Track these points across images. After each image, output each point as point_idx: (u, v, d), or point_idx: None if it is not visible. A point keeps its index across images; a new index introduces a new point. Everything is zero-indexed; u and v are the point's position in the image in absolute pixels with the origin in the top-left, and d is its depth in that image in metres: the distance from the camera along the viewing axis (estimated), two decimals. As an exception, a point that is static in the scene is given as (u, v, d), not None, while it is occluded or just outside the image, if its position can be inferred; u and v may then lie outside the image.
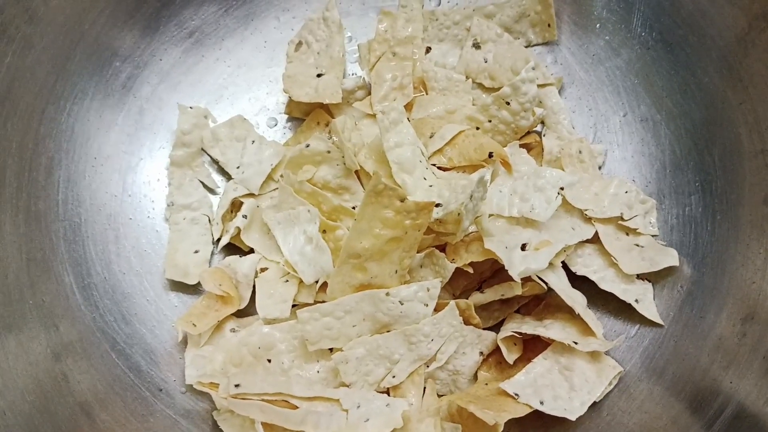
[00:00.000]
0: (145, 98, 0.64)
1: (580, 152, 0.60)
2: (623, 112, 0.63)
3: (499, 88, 0.62)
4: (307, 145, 0.57)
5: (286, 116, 0.66)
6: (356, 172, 0.58)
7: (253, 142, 0.63)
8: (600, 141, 0.63)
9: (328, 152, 0.57)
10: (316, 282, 0.55)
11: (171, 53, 0.65)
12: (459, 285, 0.56)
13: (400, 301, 0.52)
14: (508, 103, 0.60)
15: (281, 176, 0.60)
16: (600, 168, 0.62)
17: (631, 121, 0.62)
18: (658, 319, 0.55)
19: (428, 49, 0.67)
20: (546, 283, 0.54)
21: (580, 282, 0.56)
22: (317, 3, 0.68)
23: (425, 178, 0.55)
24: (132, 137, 0.63)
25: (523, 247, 0.53)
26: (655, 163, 0.60)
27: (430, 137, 0.59)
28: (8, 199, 0.54)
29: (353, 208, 0.56)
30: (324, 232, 0.55)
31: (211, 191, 0.64)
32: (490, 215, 0.55)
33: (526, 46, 0.66)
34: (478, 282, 0.57)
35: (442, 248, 0.55)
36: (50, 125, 0.58)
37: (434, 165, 0.58)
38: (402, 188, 0.54)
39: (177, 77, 0.65)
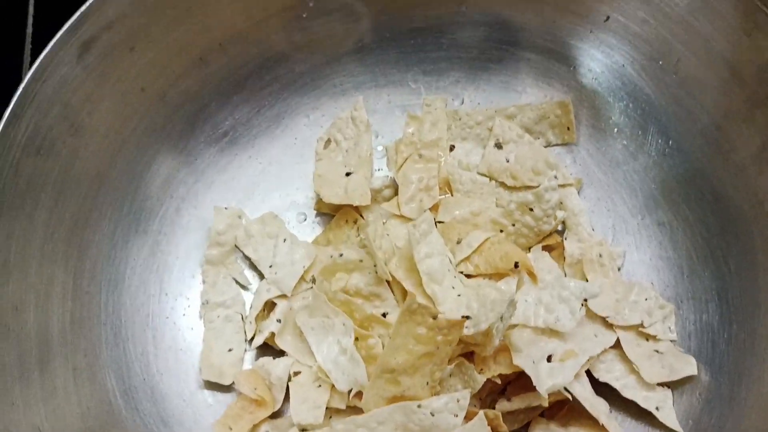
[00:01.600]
0: (181, 198, 0.66)
1: (600, 256, 0.63)
2: (641, 215, 0.65)
3: (521, 187, 0.65)
4: (341, 255, 0.59)
5: (316, 211, 0.69)
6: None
7: (285, 240, 0.65)
8: (619, 242, 0.65)
9: (361, 261, 0.59)
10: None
11: (206, 153, 0.68)
12: (485, 388, 0.58)
13: (431, 413, 0.54)
14: (531, 210, 0.62)
15: (313, 278, 0.62)
16: (619, 269, 0.64)
17: (649, 224, 0.65)
18: (678, 428, 0.57)
19: (452, 147, 0.69)
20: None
21: (601, 384, 0.59)
22: (345, 102, 0.71)
23: (453, 287, 0.58)
24: (168, 237, 0.65)
25: (549, 359, 0.55)
26: (673, 268, 0.63)
27: (458, 243, 0.62)
28: (56, 308, 0.56)
29: (383, 314, 0.58)
30: (356, 339, 0.57)
31: (244, 288, 0.66)
32: (516, 325, 0.57)
33: (545, 146, 0.69)
34: (503, 383, 0.59)
35: (470, 354, 0.57)
36: (93, 231, 0.60)
37: (461, 272, 0.60)
38: (433, 299, 0.56)
39: (212, 176, 0.68)
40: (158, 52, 0.62)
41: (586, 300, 0.57)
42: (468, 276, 0.60)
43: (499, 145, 0.68)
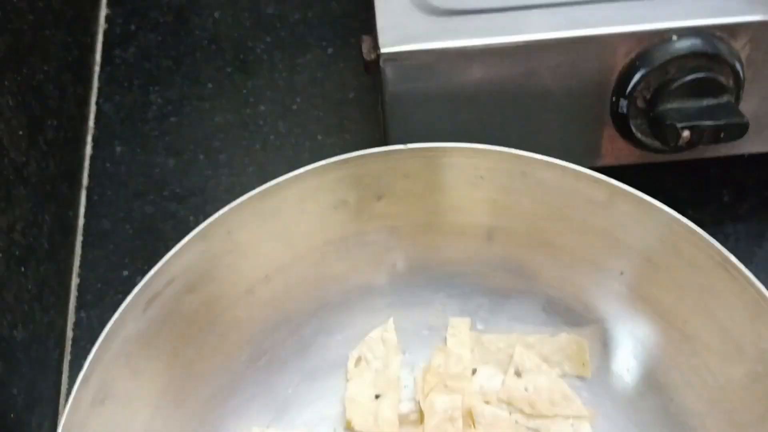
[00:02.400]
0: (220, 417, 0.71)
1: (611, 497, 0.68)
2: (651, 454, 0.70)
3: (538, 416, 0.70)
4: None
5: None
6: None
7: (317, 462, 0.70)
8: (628, 477, 0.70)
9: (391, 502, 0.64)
10: None
11: (245, 373, 0.72)
12: None
13: None
14: (548, 452, 0.67)
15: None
16: (629, 506, 0.69)
17: (659, 462, 0.70)
18: None
19: (474, 371, 0.75)
20: None
21: None
22: (376, 320, 0.76)
23: None
24: (210, 455, 0.70)
25: None
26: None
27: (480, 484, 0.67)
28: None
29: None
30: None
31: (276, 506, 0.70)
32: None
33: (561, 376, 0.74)
34: None
35: None
36: (142, 461, 0.65)
37: None
38: None
39: (250, 392, 0.72)
40: (212, 290, 0.68)
41: None
42: None
43: (518, 374, 0.74)
